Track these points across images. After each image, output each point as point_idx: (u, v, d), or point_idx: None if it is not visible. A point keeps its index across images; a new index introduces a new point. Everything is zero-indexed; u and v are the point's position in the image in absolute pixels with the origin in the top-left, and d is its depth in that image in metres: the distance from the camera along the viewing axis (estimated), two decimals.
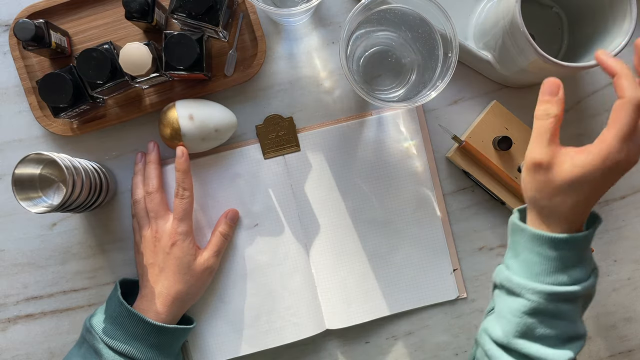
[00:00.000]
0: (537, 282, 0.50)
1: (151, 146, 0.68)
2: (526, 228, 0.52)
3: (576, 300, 0.51)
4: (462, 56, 0.69)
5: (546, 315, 0.50)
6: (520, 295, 0.51)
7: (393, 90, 0.68)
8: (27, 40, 0.61)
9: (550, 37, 0.70)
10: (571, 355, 0.50)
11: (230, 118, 0.67)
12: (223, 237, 0.67)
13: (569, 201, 0.49)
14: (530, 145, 0.51)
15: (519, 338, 0.51)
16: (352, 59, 0.66)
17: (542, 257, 0.50)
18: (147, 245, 0.65)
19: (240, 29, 0.69)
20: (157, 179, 0.66)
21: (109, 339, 0.59)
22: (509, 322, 0.51)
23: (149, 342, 0.61)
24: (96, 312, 0.63)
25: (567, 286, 0.50)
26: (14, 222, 0.70)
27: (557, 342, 0.51)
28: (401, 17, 0.64)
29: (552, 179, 0.49)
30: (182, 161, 0.64)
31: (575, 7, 0.67)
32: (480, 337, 0.55)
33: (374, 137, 0.70)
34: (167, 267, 0.63)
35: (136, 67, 0.61)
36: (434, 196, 0.71)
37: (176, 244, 0.63)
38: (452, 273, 0.71)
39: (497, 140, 0.68)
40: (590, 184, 0.48)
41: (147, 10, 0.62)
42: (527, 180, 0.51)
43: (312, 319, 0.69)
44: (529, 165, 0.51)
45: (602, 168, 0.47)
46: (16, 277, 0.70)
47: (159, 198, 0.65)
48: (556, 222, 0.50)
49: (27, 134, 0.70)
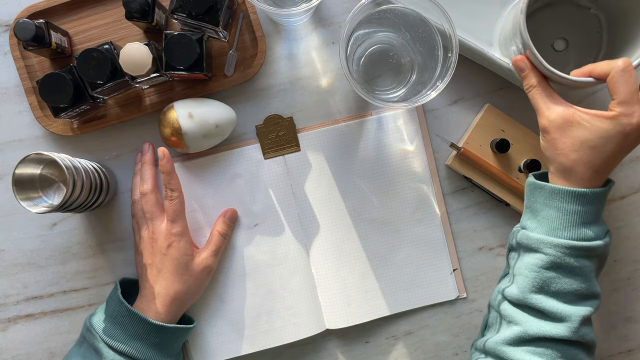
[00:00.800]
0: (556, 237, 0.52)
1: (146, 147, 0.68)
2: (546, 185, 0.54)
3: (593, 258, 0.53)
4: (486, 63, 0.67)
5: (564, 270, 0.52)
6: (538, 251, 0.53)
7: (393, 90, 0.68)
8: (27, 40, 0.61)
9: (588, 41, 0.64)
10: (586, 312, 0.52)
11: (230, 113, 0.67)
12: (221, 237, 0.67)
13: (586, 159, 0.52)
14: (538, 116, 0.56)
15: (535, 293, 0.52)
16: (352, 59, 0.66)
17: (561, 212, 0.52)
18: (145, 246, 0.65)
19: (240, 29, 0.69)
20: (152, 179, 0.66)
21: (109, 338, 0.59)
22: (526, 278, 0.53)
23: (149, 341, 0.61)
24: (96, 312, 0.63)
25: (585, 242, 0.52)
26: (14, 222, 0.70)
27: (573, 298, 0.52)
28: (401, 17, 0.64)
29: (571, 135, 0.53)
30: (165, 162, 0.64)
31: (616, 8, 0.61)
32: (494, 299, 0.57)
33: (374, 137, 0.70)
34: (164, 268, 0.63)
35: (136, 67, 0.61)
36: (434, 196, 0.71)
37: (172, 244, 0.63)
38: (452, 273, 0.71)
39: (494, 143, 0.68)
40: (611, 144, 0.51)
41: (147, 10, 0.62)
42: (546, 139, 0.55)
43: (312, 319, 0.69)
44: (543, 127, 0.55)
45: (620, 131, 0.51)
46: (16, 277, 0.70)
47: (153, 199, 0.65)
48: (575, 179, 0.53)
49: (27, 134, 0.70)
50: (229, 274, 0.70)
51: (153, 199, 0.65)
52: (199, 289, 0.66)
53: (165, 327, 0.61)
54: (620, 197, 0.72)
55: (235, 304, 0.70)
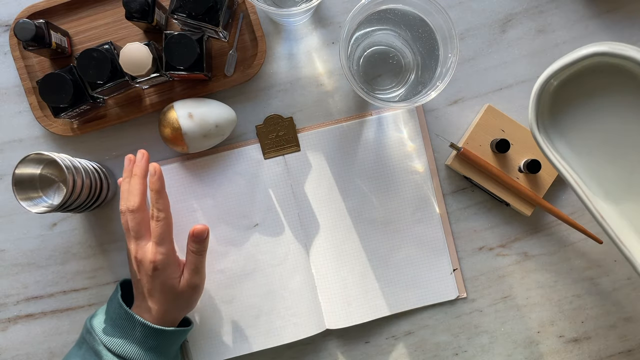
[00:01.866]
0: None
1: (139, 156, 0.63)
2: None
3: None
4: None
5: None
6: None
7: (393, 90, 0.68)
8: (27, 41, 0.61)
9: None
10: None
11: (229, 113, 0.67)
12: (195, 254, 0.62)
13: None
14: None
15: None
16: (352, 59, 0.66)
17: None
18: (132, 261, 0.62)
19: (240, 29, 0.69)
20: (140, 195, 0.60)
21: (108, 341, 0.59)
22: None
23: (147, 345, 0.60)
24: (97, 313, 0.63)
25: None
26: (14, 222, 0.70)
27: None
28: (401, 17, 0.64)
29: None
30: (155, 180, 0.60)
31: None
32: None
33: (374, 137, 0.70)
34: (153, 289, 0.61)
35: (136, 67, 0.61)
36: (434, 196, 0.71)
37: (157, 268, 0.60)
38: (452, 273, 0.71)
39: (494, 143, 0.68)
40: None
41: (147, 11, 0.63)
42: None
43: (312, 319, 0.70)
44: None
45: None
46: (16, 277, 0.70)
47: (139, 217, 0.60)
48: None
49: (27, 134, 0.70)
50: (229, 274, 0.70)
51: (139, 217, 0.60)
52: (190, 304, 0.64)
53: (163, 330, 0.61)
54: None
55: (235, 304, 0.70)
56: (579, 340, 0.72)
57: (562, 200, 0.71)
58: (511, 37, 0.71)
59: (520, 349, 0.72)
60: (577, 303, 0.72)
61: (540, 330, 0.72)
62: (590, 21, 0.71)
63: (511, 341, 0.72)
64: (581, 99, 0.45)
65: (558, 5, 0.71)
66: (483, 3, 0.71)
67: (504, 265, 0.72)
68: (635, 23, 0.71)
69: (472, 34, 0.71)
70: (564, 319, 0.72)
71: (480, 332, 0.72)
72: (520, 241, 0.72)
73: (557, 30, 0.71)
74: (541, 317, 0.72)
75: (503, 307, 0.72)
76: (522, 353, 0.72)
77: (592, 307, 0.72)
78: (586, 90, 0.45)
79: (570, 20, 0.71)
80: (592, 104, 0.44)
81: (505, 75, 0.71)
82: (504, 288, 0.72)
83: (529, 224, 0.72)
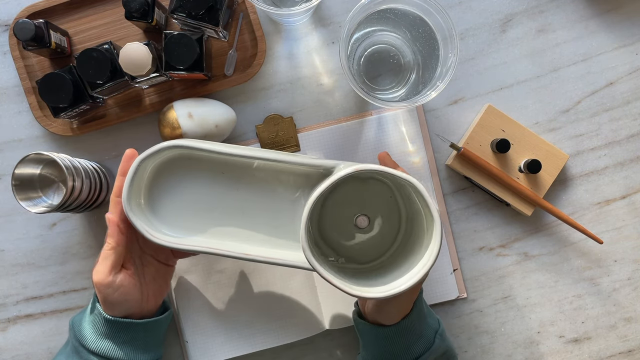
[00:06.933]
0: None
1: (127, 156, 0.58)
2: None
3: None
4: None
5: None
6: None
7: (393, 90, 0.68)
8: (27, 40, 0.61)
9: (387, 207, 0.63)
10: None
11: (229, 113, 0.67)
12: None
13: None
14: None
15: None
16: (352, 59, 0.66)
17: None
18: None
19: (240, 29, 0.69)
20: (115, 237, 0.58)
21: (82, 337, 0.59)
22: None
23: (120, 339, 0.59)
24: (82, 310, 0.62)
25: None
26: (14, 222, 0.70)
27: None
28: (401, 17, 0.64)
29: None
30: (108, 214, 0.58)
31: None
32: None
33: (374, 137, 0.70)
34: None
35: (136, 67, 0.61)
36: (434, 196, 0.71)
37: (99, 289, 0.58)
38: (452, 273, 0.71)
39: (494, 143, 0.68)
40: None
41: (147, 10, 0.62)
42: None
43: (312, 319, 0.69)
44: None
45: None
46: (16, 277, 0.70)
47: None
48: None
49: (27, 134, 0.70)
50: (229, 274, 0.70)
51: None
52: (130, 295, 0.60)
53: (130, 323, 0.59)
54: (620, 197, 0.72)
55: (235, 304, 0.70)
56: (579, 340, 0.72)
57: (563, 200, 0.71)
58: (511, 37, 0.71)
59: (520, 349, 0.72)
60: (578, 303, 0.72)
61: (541, 331, 0.72)
62: (590, 21, 0.71)
63: (511, 341, 0.72)
64: (174, 181, 0.60)
65: (558, 5, 0.71)
66: (483, 3, 0.71)
67: (504, 266, 0.72)
68: (635, 23, 0.71)
69: (472, 34, 0.71)
70: (564, 319, 0.72)
71: (481, 332, 0.72)
72: (521, 241, 0.72)
73: (557, 30, 0.71)
74: (541, 317, 0.72)
75: (503, 307, 0.72)
76: (522, 353, 0.72)
77: (592, 307, 0.72)
78: (177, 175, 0.60)
79: (571, 20, 0.71)
80: (184, 183, 0.60)
81: (505, 75, 0.71)
82: (504, 288, 0.72)
83: (529, 224, 0.72)
